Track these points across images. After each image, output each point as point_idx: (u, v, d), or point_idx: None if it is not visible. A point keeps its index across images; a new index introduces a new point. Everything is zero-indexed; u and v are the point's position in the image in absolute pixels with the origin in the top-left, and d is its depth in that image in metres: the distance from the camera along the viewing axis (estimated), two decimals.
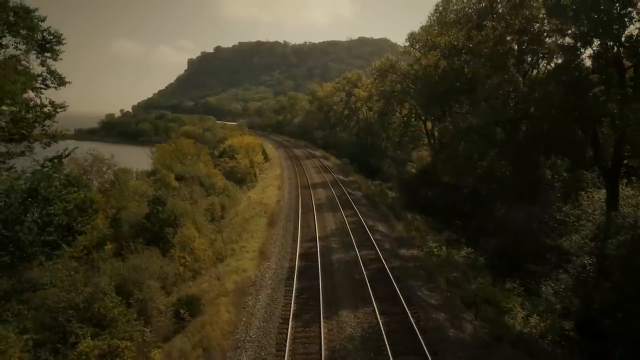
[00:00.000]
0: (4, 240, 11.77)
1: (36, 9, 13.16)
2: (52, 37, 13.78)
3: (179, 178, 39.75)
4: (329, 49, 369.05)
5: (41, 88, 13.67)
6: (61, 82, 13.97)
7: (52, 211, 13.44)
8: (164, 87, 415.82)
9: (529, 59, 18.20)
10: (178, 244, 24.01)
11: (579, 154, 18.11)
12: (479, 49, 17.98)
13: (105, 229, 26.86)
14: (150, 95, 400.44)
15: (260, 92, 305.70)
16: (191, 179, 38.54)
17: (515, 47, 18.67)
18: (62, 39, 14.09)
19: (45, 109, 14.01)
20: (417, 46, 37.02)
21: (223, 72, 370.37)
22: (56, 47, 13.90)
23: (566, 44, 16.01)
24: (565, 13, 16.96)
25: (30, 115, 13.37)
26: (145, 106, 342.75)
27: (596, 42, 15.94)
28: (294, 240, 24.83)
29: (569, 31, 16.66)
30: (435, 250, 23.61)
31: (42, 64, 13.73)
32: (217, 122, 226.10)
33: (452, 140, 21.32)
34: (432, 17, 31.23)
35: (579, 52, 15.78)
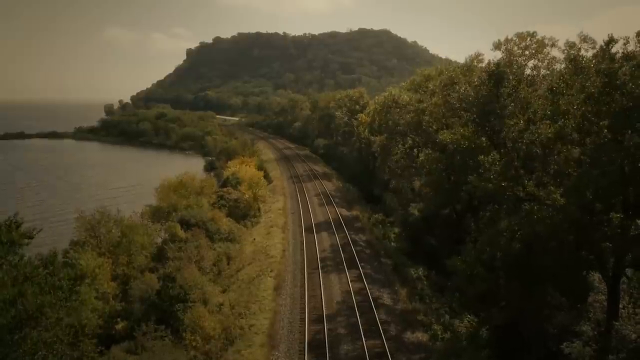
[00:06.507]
0: None
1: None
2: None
3: (184, 222, 40.28)
4: (328, 40, 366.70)
5: None
6: None
7: None
8: (162, 78, 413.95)
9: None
10: (189, 326, 24.65)
11: (582, 294, 18.57)
12: (487, 171, 18.25)
13: (117, 304, 27.39)
14: (149, 85, 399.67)
15: (260, 85, 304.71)
16: (196, 226, 39.06)
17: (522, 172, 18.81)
18: None
19: None
20: (420, 94, 37.22)
21: (222, 64, 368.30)
22: None
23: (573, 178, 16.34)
24: (570, 138, 17.38)
25: None
26: (145, 98, 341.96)
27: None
28: (302, 319, 25.39)
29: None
30: (439, 333, 24.26)
31: None
32: (217, 116, 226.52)
33: (459, 275, 21.63)
34: (437, 81, 31.26)
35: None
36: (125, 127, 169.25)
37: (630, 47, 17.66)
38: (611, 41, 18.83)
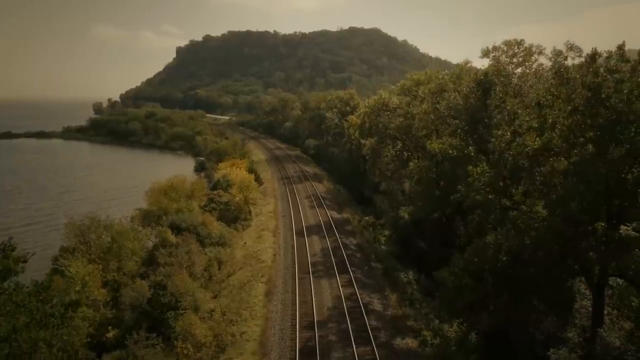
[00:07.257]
0: None
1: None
2: None
3: (174, 227, 40.19)
4: (319, 39, 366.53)
5: None
6: None
7: None
8: (152, 76, 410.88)
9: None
10: (180, 333, 24.68)
11: (567, 303, 18.97)
12: (475, 181, 18.60)
13: (107, 312, 27.35)
14: (138, 83, 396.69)
15: (251, 84, 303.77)
16: (187, 231, 38.98)
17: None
18: None
19: None
20: (408, 99, 37.51)
21: (212, 62, 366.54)
22: None
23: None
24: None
25: None
26: (134, 96, 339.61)
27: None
28: (293, 326, 25.56)
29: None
30: (429, 338, 24.55)
31: None
32: (207, 115, 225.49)
33: (447, 286, 21.87)
34: (427, 88, 31.58)
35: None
36: (114, 127, 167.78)
37: (613, 61, 18.03)
38: (595, 54, 19.20)
